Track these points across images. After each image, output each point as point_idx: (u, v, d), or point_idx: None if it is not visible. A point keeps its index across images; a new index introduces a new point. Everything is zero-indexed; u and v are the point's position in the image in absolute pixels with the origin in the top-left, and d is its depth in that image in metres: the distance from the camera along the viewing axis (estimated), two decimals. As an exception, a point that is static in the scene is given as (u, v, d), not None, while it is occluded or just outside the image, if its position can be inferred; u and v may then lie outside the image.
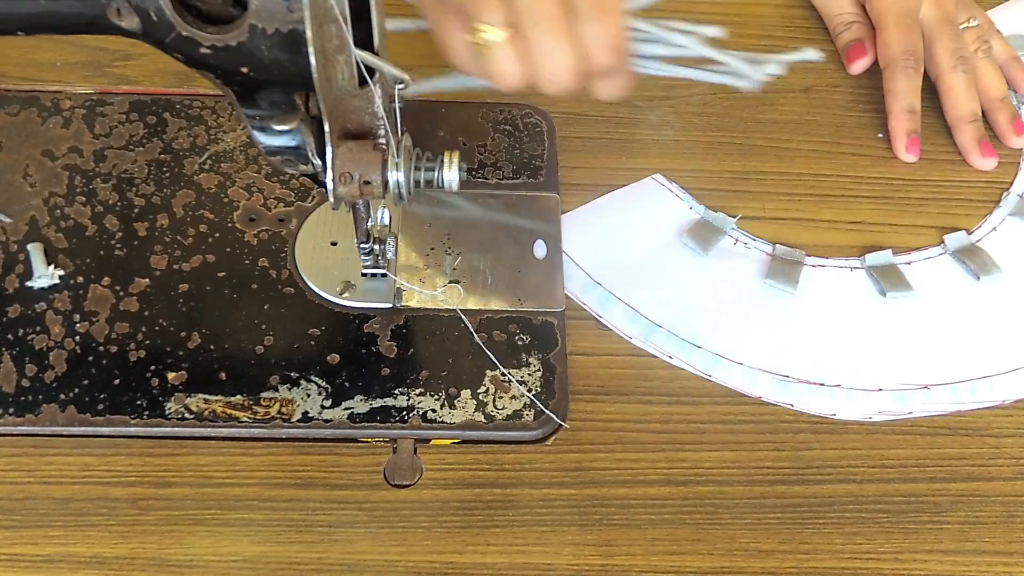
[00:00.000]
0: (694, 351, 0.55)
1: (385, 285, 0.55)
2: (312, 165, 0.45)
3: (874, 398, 0.54)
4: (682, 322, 0.56)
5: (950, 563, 0.49)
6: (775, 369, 0.55)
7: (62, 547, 0.48)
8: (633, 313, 0.56)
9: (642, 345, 0.55)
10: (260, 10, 0.38)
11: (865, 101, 0.67)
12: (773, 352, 0.55)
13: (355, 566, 0.48)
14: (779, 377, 0.54)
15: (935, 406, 0.54)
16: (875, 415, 0.54)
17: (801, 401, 0.54)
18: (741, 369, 0.55)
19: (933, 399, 0.54)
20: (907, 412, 0.54)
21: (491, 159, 0.61)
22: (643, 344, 0.55)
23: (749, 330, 0.56)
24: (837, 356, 0.55)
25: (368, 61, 0.42)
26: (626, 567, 0.49)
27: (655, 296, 0.57)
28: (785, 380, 0.54)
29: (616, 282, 0.57)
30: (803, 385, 0.54)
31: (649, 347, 0.55)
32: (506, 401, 0.52)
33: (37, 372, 0.51)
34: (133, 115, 0.61)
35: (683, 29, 0.53)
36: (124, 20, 0.40)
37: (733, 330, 0.56)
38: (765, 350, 0.55)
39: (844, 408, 0.54)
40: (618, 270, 0.57)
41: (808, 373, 0.55)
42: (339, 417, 0.51)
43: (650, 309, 0.56)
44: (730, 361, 0.55)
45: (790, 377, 0.54)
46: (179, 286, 0.55)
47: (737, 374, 0.54)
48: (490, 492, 0.50)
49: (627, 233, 0.59)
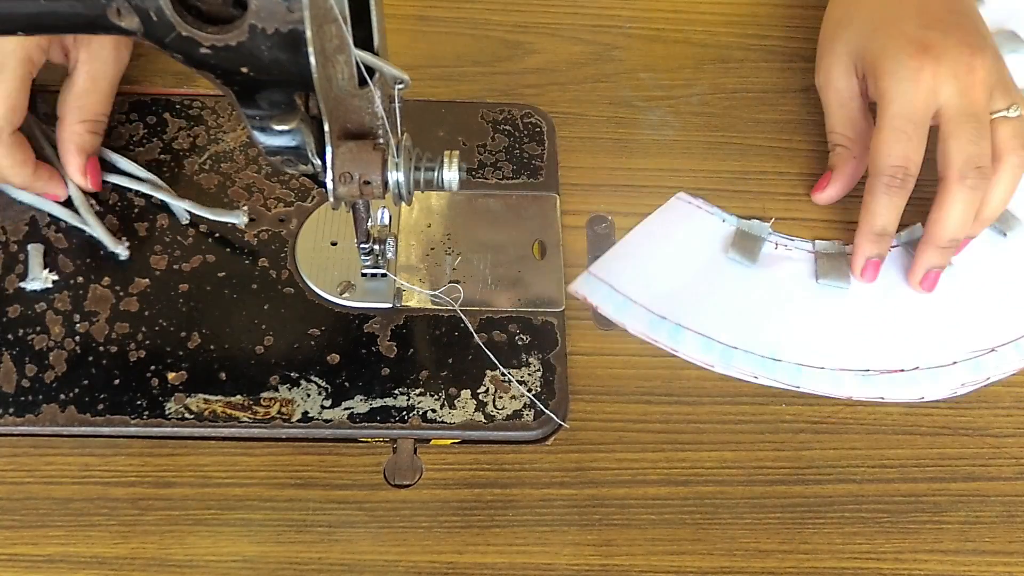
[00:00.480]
0: (776, 365, 0.54)
1: (385, 285, 0.55)
2: (312, 165, 0.45)
3: (953, 372, 0.55)
4: (755, 338, 0.55)
5: (950, 563, 0.49)
6: (855, 366, 0.55)
7: (62, 547, 0.48)
8: (707, 341, 0.55)
9: (725, 371, 0.54)
10: (260, 10, 0.38)
11: (865, 101, 0.67)
12: (849, 349, 0.55)
13: (355, 566, 0.48)
14: (861, 373, 0.54)
15: (1008, 366, 0.55)
16: (959, 388, 0.54)
17: (889, 391, 0.54)
18: (824, 373, 0.54)
19: (1006, 359, 0.55)
20: (985, 378, 0.54)
21: (491, 159, 0.61)
22: (726, 370, 0.54)
23: (820, 332, 0.56)
24: (906, 338, 0.56)
25: (368, 61, 0.42)
26: (626, 567, 0.49)
27: (721, 317, 0.56)
28: (867, 375, 0.54)
29: (680, 313, 0.56)
30: (886, 376, 0.54)
31: (732, 371, 0.54)
32: (506, 401, 0.52)
33: (37, 372, 0.51)
34: (133, 115, 0.61)
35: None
36: (124, 20, 0.40)
37: (805, 336, 0.55)
38: (844, 348, 0.55)
39: (930, 389, 0.54)
40: (677, 300, 0.56)
41: (885, 362, 0.55)
42: (339, 417, 0.51)
43: (721, 332, 0.55)
44: (812, 368, 0.54)
45: (871, 370, 0.54)
46: (179, 286, 0.55)
47: (822, 379, 0.54)
48: (490, 492, 0.50)
49: (672, 259, 0.58)
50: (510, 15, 0.69)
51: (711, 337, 0.55)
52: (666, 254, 0.58)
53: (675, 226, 0.59)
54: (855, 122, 0.60)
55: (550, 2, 0.70)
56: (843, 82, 0.60)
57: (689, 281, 0.57)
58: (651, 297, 0.56)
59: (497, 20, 0.69)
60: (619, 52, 0.68)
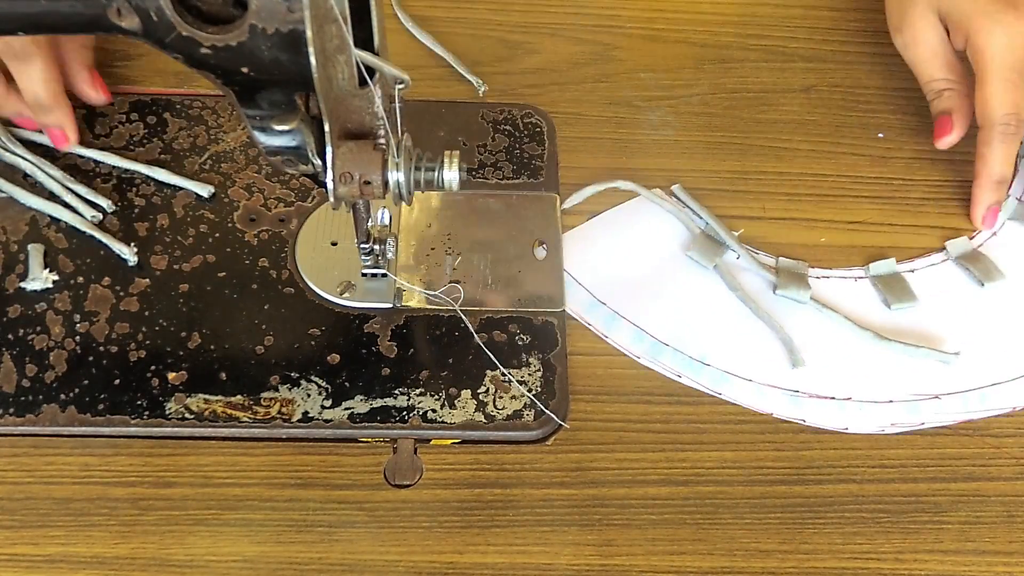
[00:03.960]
0: (702, 369, 0.54)
1: (385, 285, 0.55)
2: (312, 165, 0.45)
3: (885, 410, 0.54)
4: (688, 339, 0.55)
5: (950, 563, 0.49)
6: (784, 384, 0.54)
7: (62, 547, 0.48)
8: (639, 332, 0.55)
9: (650, 365, 0.54)
10: (260, 10, 0.38)
11: (865, 101, 0.67)
12: (783, 367, 0.55)
13: (355, 566, 0.48)
14: (789, 392, 0.54)
15: (946, 416, 0.54)
16: (887, 427, 0.53)
17: (813, 416, 0.53)
18: (751, 386, 0.54)
19: (944, 408, 0.54)
20: (919, 423, 0.53)
21: (491, 159, 0.61)
22: (651, 364, 0.54)
23: (757, 345, 0.55)
24: (846, 368, 0.55)
25: (368, 61, 0.42)
26: (626, 567, 0.49)
27: (661, 313, 0.56)
28: (796, 395, 0.54)
29: (621, 300, 0.56)
30: (814, 400, 0.54)
31: (656, 366, 0.54)
32: (506, 401, 0.52)
33: (37, 372, 0.51)
34: (133, 115, 0.61)
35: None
36: (124, 20, 0.40)
37: (741, 345, 0.55)
38: (775, 365, 0.55)
39: (856, 421, 0.53)
40: (622, 288, 0.57)
41: (818, 387, 0.54)
42: (339, 417, 0.51)
43: (656, 327, 0.56)
44: (739, 378, 0.54)
45: (800, 392, 0.54)
46: (179, 286, 0.55)
47: (747, 391, 0.54)
48: (490, 492, 0.50)
49: (629, 250, 0.59)
50: (510, 15, 0.69)
51: (644, 329, 0.55)
52: (623, 242, 0.59)
53: (640, 217, 0.60)
54: (953, 65, 0.62)
55: (550, 2, 0.70)
56: (931, 32, 0.61)
57: (639, 273, 0.58)
58: (594, 281, 0.57)
59: (497, 20, 0.69)
60: (619, 52, 0.68)
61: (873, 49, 0.69)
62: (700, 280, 0.58)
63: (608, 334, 0.55)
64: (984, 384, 0.55)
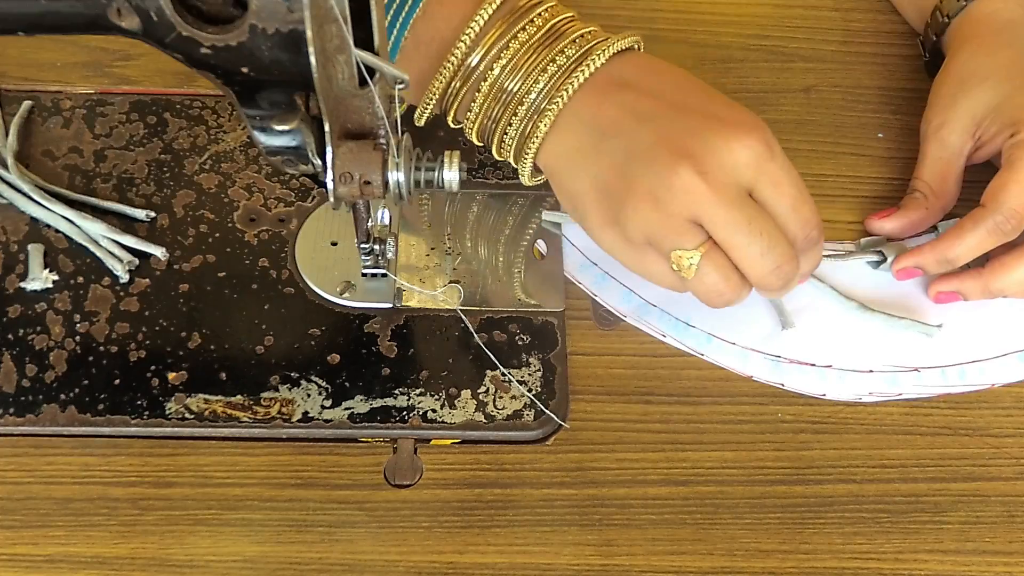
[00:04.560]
0: (687, 330, 0.56)
1: (385, 285, 0.55)
2: (312, 165, 0.45)
3: (865, 379, 0.55)
4: (676, 302, 0.56)
5: (950, 563, 0.49)
6: (768, 350, 0.55)
7: (63, 547, 0.48)
8: (628, 292, 0.56)
9: (636, 324, 0.55)
10: (260, 10, 0.38)
11: (865, 101, 0.67)
12: (765, 333, 0.56)
13: (355, 566, 0.48)
14: (771, 357, 0.55)
15: (924, 388, 0.55)
16: (865, 395, 0.54)
17: (792, 381, 0.54)
18: (734, 349, 0.55)
19: (923, 381, 0.55)
20: (896, 393, 0.54)
21: (491, 159, 0.61)
22: (637, 323, 0.55)
23: (741, 311, 0.55)
24: (829, 337, 0.56)
25: (368, 61, 0.42)
26: (626, 567, 0.49)
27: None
28: (777, 360, 0.55)
29: (612, 262, 0.56)
30: (794, 365, 0.55)
31: (643, 326, 0.55)
32: (506, 401, 0.52)
33: (37, 372, 0.51)
34: (133, 115, 0.61)
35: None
36: (124, 20, 0.40)
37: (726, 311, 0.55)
38: (759, 331, 0.56)
39: (834, 388, 0.54)
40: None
41: (799, 353, 0.55)
42: (339, 417, 0.51)
43: (645, 289, 0.56)
44: (723, 341, 0.55)
45: (781, 357, 0.55)
46: (179, 286, 0.55)
47: (730, 353, 0.55)
48: (490, 492, 0.50)
49: None
50: (510, 15, 0.69)
51: (633, 290, 0.56)
52: None
53: None
54: (946, 180, 0.59)
55: (550, 2, 0.70)
56: (955, 138, 0.59)
57: None
58: (588, 243, 0.57)
59: (497, 20, 0.68)
60: (619, 52, 0.67)
61: (873, 49, 0.69)
62: None
63: (598, 293, 0.56)
64: (964, 360, 0.56)
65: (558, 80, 0.51)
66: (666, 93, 0.51)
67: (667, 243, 0.49)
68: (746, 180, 0.48)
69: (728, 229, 0.48)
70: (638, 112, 0.50)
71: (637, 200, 0.49)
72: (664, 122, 0.49)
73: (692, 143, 0.48)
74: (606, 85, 0.51)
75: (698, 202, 0.48)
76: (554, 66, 0.51)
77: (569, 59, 0.51)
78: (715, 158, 0.48)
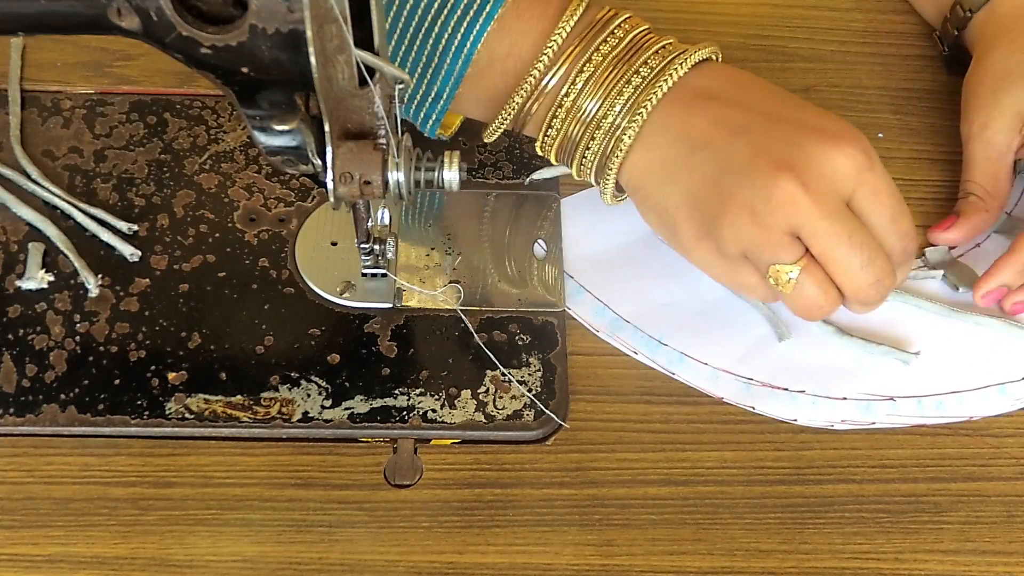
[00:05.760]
0: (659, 348, 0.55)
1: (385, 285, 0.55)
2: (312, 165, 0.45)
3: (838, 406, 0.53)
4: (650, 318, 0.55)
5: (950, 563, 0.49)
6: (739, 372, 0.54)
7: (62, 547, 0.48)
8: (602, 307, 0.56)
9: (608, 339, 0.55)
10: (260, 10, 0.38)
11: (865, 101, 0.67)
12: (739, 354, 0.55)
13: (355, 566, 0.48)
14: (742, 380, 0.54)
15: (899, 418, 0.53)
16: (837, 423, 0.53)
17: (763, 405, 0.53)
18: (705, 369, 0.54)
19: (898, 411, 0.54)
20: (870, 422, 0.53)
21: (491, 159, 0.61)
22: (608, 339, 0.55)
23: (715, 330, 0.55)
24: (804, 362, 0.55)
25: (368, 61, 0.42)
26: (626, 567, 0.49)
27: (626, 291, 0.56)
28: (748, 383, 0.54)
29: (588, 276, 0.57)
30: (766, 389, 0.54)
31: (615, 341, 0.55)
32: (506, 401, 0.52)
33: (37, 372, 0.51)
34: (133, 115, 0.61)
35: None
36: (124, 20, 0.40)
37: (700, 329, 0.55)
38: (731, 352, 0.55)
39: (806, 414, 0.53)
40: (592, 264, 0.57)
41: (774, 378, 0.54)
42: (339, 417, 0.51)
43: (618, 303, 0.56)
44: (694, 360, 0.54)
45: (753, 380, 0.54)
46: (179, 286, 0.55)
47: (701, 373, 0.54)
48: (490, 492, 0.50)
49: (605, 227, 0.58)
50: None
51: (607, 305, 0.56)
52: (600, 220, 0.59)
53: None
54: (998, 178, 0.59)
55: (550, 2, 0.70)
56: (1001, 136, 0.59)
57: (611, 250, 0.58)
58: (567, 256, 0.57)
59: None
60: (619, 52, 0.67)
61: (873, 49, 0.69)
62: (670, 263, 0.57)
63: (572, 307, 0.56)
64: (942, 391, 0.54)
65: (639, 96, 0.50)
66: (756, 104, 0.50)
67: (765, 257, 0.48)
68: (846, 190, 0.48)
69: (829, 242, 0.47)
70: (730, 124, 0.49)
71: (734, 213, 0.48)
72: (758, 134, 0.49)
73: (791, 154, 0.47)
74: (692, 98, 0.50)
75: (799, 214, 0.47)
76: (634, 83, 0.50)
77: (649, 73, 0.50)
78: (815, 169, 0.47)
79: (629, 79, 0.50)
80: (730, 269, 0.50)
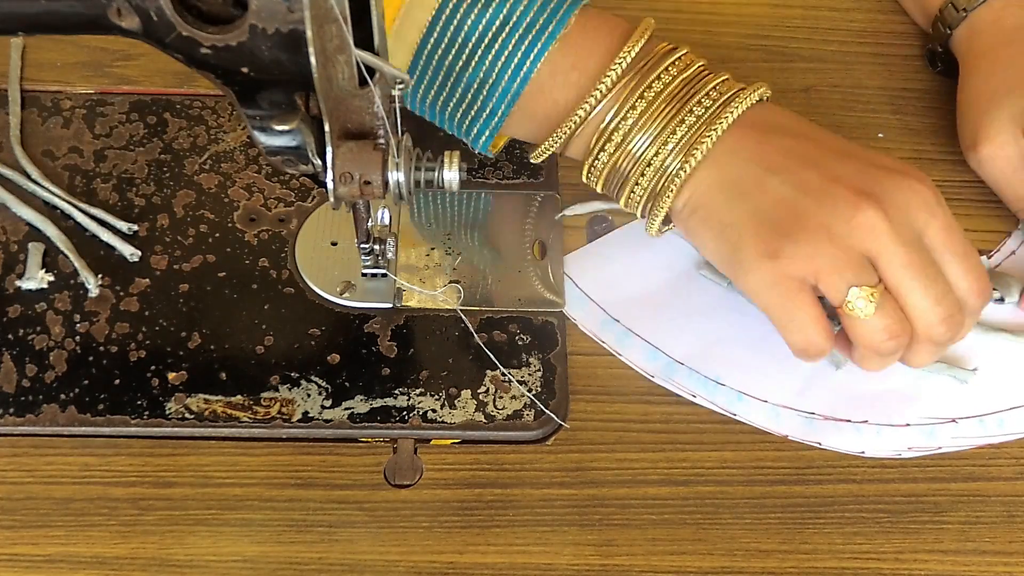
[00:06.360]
0: (717, 389, 0.53)
1: (385, 285, 0.55)
2: (312, 165, 0.45)
3: (902, 433, 0.53)
4: (703, 358, 0.54)
5: (950, 563, 0.49)
6: (799, 406, 0.53)
7: (62, 547, 0.48)
8: (654, 350, 0.54)
9: (664, 384, 0.54)
10: (260, 10, 0.38)
11: (865, 101, 0.67)
12: (797, 388, 0.54)
13: (355, 566, 0.48)
14: (804, 415, 0.53)
15: (964, 440, 0.53)
16: (904, 451, 0.52)
17: (828, 439, 0.52)
18: (765, 407, 0.53)
19: (962, 432, 0.53)
20: (936, 447, 0.52)
21: (491, 159, 0.61)
22: (664, 383, 0.53)
23: (770, 365, 0.54)
24: (863, 390, 0.54)
25: (368, 61, 0.42)
26: (626, 567, 0.49)
27: (675, 332, 0.55)
28: (811, 418, 0.53)
29: (635, 318, 0.55)
30: (830, 422, 0.53)
31: (671, 385, 0.53)
32: (506, 401, 0.52)
33: (37, 372, 0.51)
34: (133, 115, 0.61)
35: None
36: (124, 20, 0.40)
37: (754, 366, 0.54)
38: (789, 386, 0.54)
39: (872, 444, 0.52)
40: (636, 305, 0.56)
41: (834, 410, 0.53)
42: (339, 417, 0.51)
43: (670, 346, 0.55)
44: (753, 398, 0.53)
45: (816, 414, 0.53)
46: (179, 286, 0.55)
47: (761, 412, 0.53)
48: (490, 492, 0.50)
49: (642, 268, 0.57)
50: (510, 15, 0.69)
51: (659, 348, 0.54)
52: (637, 259, 0.58)
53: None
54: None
55: (550, 2, 0.70)
56: (1013, 148, 0.58)
57: (653, 291, 0.57)
58: (608, 298, 0.56)
59: (497, 20, 0.68)
60: (619, 52, 0.67)
61: (873, 49, 0.69)
62: (714, 298, 0.56)
63: (622, 352, 0.54)
64: (1003, 408, 0.53)
65: (693, 136, 0.50)
66: (822, 140, 0.51)
67: (839, 278, 0.47)
68: (919, 224, 0.48)
69: (907, 271, 0.47)
70: (802, 155, 0.49)
71: (812, 231, 0.47)
72: (831, 166, 0.49)
73: (869, 184, 0.48)
74: (758, 129, 0.50)
75: (880, 240, 0.47)
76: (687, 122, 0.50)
77: (704, 113, 0.50)
78: (894, 199, 0.47)
79: (683, 119, 0.50)
80: (784, 295, 0.48)
